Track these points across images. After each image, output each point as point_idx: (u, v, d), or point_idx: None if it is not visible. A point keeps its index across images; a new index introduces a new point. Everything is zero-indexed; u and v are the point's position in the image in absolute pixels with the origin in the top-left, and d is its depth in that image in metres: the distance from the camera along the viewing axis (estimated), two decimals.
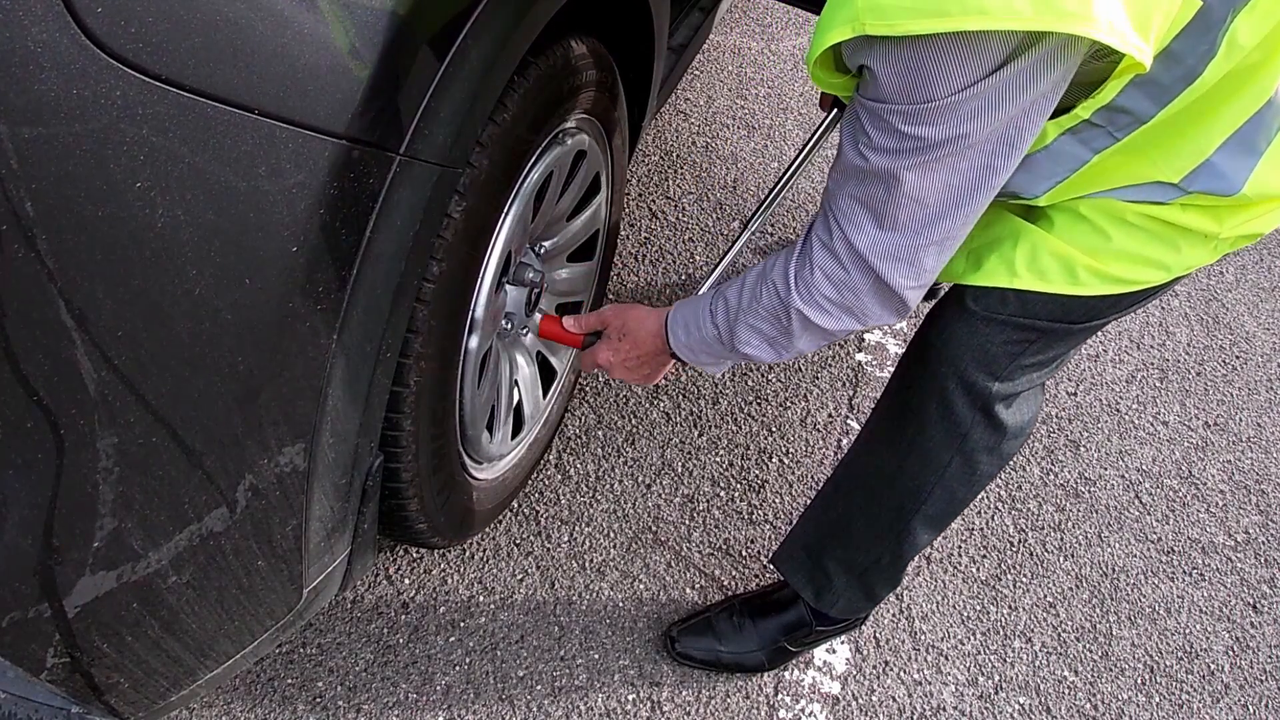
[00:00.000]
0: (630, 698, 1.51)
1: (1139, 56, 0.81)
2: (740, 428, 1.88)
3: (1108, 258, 1.07)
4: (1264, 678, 1.70)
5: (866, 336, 2.10)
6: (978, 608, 1.71)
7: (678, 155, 2.39)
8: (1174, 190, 1.01)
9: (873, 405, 1.40)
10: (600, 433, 1.83)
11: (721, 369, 1.22)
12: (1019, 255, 1.10)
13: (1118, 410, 2.08)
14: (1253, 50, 0.90)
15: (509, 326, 1.44)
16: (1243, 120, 0.95)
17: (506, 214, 1.18)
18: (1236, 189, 0.99)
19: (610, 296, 2.03)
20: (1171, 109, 0.93)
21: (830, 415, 1.94)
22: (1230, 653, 1.73)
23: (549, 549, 1.66)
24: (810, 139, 1.64)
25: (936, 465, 1.28)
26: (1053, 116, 0.96)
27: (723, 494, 1.78)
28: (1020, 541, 1.82)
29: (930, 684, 1.60)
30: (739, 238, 1.57)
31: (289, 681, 1.45)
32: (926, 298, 2.18)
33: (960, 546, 1.79)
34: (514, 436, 1.53)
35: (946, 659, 1.63)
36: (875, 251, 0.95)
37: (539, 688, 1.50)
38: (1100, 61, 0.88)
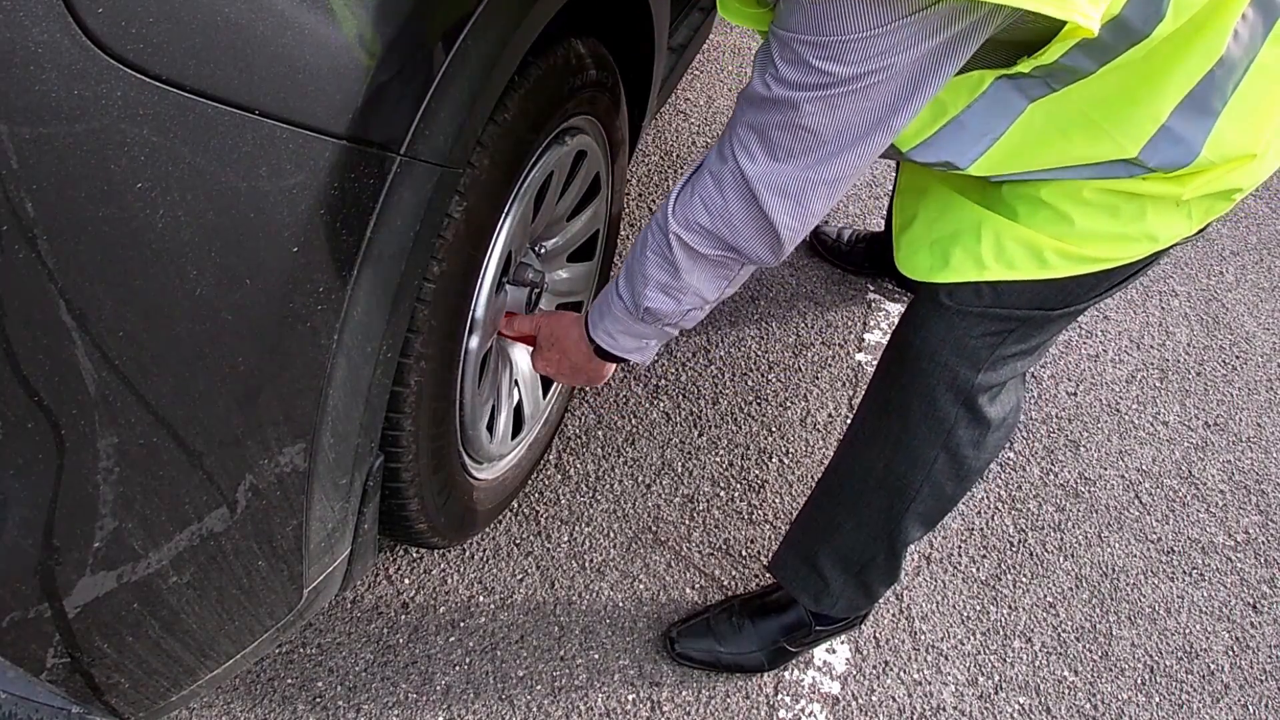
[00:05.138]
0: (630, 698, 1.51)
1: (1084, 23, 0.80)
2: (740, 428, 1.88)
3: (1074, 239, 1.06)
4: (1264, 678, 1.70)
5: (866, 336, 2.10)
6: (978, 608, 1.71)
7: (678, 155, 2.39)
8: (1134, 167, 1.00)
9: (859, 404, 1.40)
10: (600, 433, 1.83)
11: (648, 354, 1.18)
12: (984, 247, 1.09)
13: (1118, 410, 2.08)
14: (1201, 9, 0.89)
15: None
16: (1195, 81, 0.93)
17: (507, 214, 1.18)
18: (1195, 154, 0.97)
19: None
20: (1113, 65, 0.92)
21: (830, 415, 1.94)
22: (1230, 653, 1.73)
23: (549, 549, 1.66)
24: None
25: (923, 462, 1.28)
26: (990, 67, 0.95)
27: (723, 494, 1.78)
28: (1020, 541, 1.82)
29: (930, 684, 1.60)
30: None
31: (289, 681, 1.45)
32: (907, 288, 2.17)
33: (960, 546, 1.79)
34: (514, 436, 1.53)
35: (946, 659, 1.63)
36: (764, 181, 0.93)
37: (539, 688, 1.50)
38: (1038, 20, 0.86)
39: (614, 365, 1.28)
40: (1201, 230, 1.10)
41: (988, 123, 1.00)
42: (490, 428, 1.43)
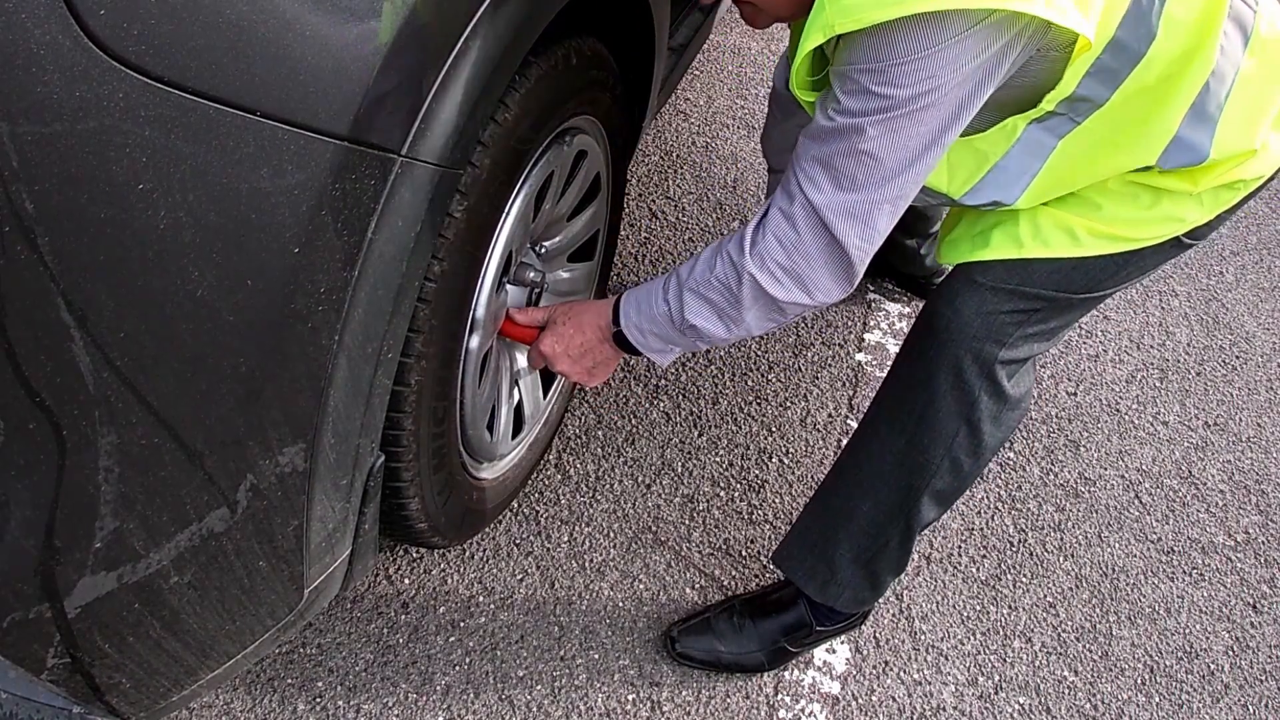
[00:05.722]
0: (630, 698, 1.51)
1: (1080, 29, 0.92)
2: (740, 428, 1.88)
3: (1103, 221, 1.17)
4: (1264, 678, 1.70)
5: (866, 336, 2.10)
6: (978, 608, 1.71)
7: (678, 155, 2.39)
8: (1152, 171, 1.13)
9: (879, 388, 1.41)
10: (600, 433, 1.83)
11: (669, 357, 1.23)
12: (1022, 228, 1.19)
13: (1118, 410, 2.08)
14: (1192, 27, 1.01)
15: None
16: (1194, 95, 1.06)
17: (508, 214, 1.18)
18: (1205, 155, 1.09)
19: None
20: (1125, 90, 1.03)
21: (830, 415, 1.94)
22: (1230, 653, 1.73)
23: (549, 549, 1.66)
24: None
25: (945, 436, 1.31)
26: (1020, 112, 1.06)
27: (723, 494, 1.78)
28: (1020, 541, 1.82)
29: (930, 684, 1.60)
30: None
31: (289, 681, 1.45)
32: (922, 296, 2.18)
33: (960, 546, 1.79)
34: (514, 436, 1.53)
35: (946, 659, 1.64)
36: (831, 209, 1.01)
37: (539, 688, 1.50)
38: (1055, 53, 0.99)
39: (618, 361, 1.30)
40: (1213, 223, 1.21)
41: (1024, 163, 1.11)
42: (490, 427, 1.43)
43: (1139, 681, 1.67)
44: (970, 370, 1.27)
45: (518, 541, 1.66)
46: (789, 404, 1.94)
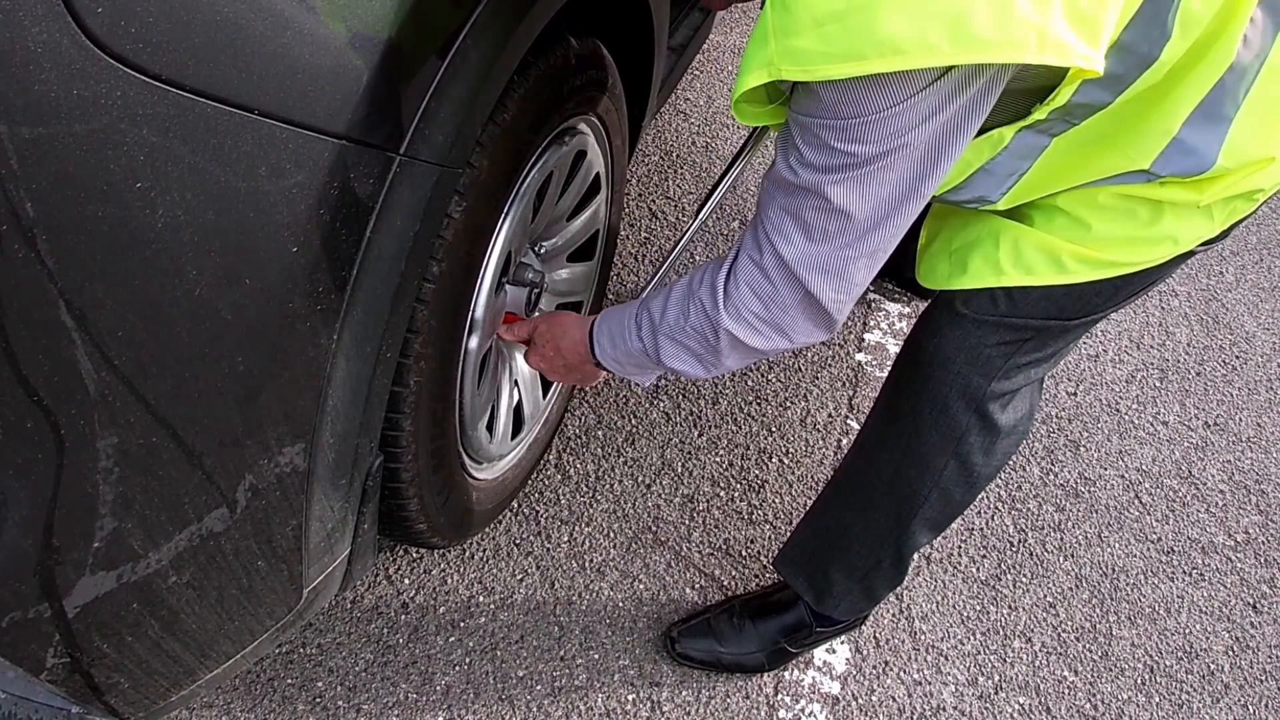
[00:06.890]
0: (630, 698, 1.51)
1: (1086, 65, 0.79)
2: (740, 428, 1.88)
3: (1092, 244, 1.06)
4: (1264, 678, 1.70)
5: (866, 336, 2.10)
6: (978, 608, 1.71)
7: (678, 155, 2.39)
8: (1147, 175, 0.99)
9: (872, 406, 1.40)
10: (600, 433, 1.83)
11: (649, 381, 1.20)
12: (1002, 253, 1.09)
13: (1118, 410, 2.08)
14: (1210, 21, 0.87)
15: None
16: (1205, 91, 0.92)
17: (507, 214, 1.18)
18: (1209, 163, 0.96)
19: (610, 297, 2.03)
20: (1130, 93, 0.91)
21: (830, 415, 1.94)
22: (1230, 653, 1.73)
23: (549, 549, 1.66)
24: (749, 136, 1.60)
25: (933, 469, 1.27)
26: (1009, 122, 0.95)
27: (723, 494, 1.78)
28: (1020, 541, 1.82)
29: (930, 684, 1.60)
30: (684, 235, 1.53)
31: (289, 681, 1.45)
32: (921, 296, 2.18)
33: (960, 546, 1.79)
34: (514, 436, 1.53)
35: (946, 659, 1.63)
36: (803, 264, 0.93)
37: (539, 688, 1.50)
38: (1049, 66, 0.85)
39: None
40: (1225, 232, 1.07)
41: (1013, 165, 1.01)
42: (490, 428, 1.43)
43: (1139, 681, 1.67)
44: (956, 405, 1.21)
45: (518, 541, 1.66)
46: (789, 404, 1.94)
